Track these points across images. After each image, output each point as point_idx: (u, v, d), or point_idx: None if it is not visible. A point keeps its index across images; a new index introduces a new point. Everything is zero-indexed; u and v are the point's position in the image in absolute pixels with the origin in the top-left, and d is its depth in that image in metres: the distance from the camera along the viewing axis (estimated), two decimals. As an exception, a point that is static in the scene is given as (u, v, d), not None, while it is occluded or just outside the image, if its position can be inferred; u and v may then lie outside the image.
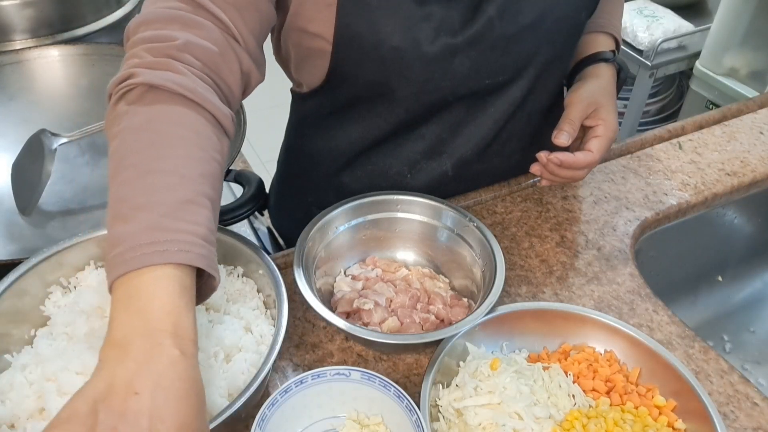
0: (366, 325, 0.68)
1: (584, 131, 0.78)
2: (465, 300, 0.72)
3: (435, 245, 0.76)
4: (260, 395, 0.60)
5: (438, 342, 0.63)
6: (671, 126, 1.00)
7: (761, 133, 1.00)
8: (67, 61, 1.04)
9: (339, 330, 0.65)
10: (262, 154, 2.36)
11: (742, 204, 0.95)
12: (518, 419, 0.57)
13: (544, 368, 0.62)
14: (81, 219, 0.87)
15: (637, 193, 0.88)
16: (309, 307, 0.71)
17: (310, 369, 0.58)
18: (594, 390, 0.62)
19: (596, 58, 0.82)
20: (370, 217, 0.75)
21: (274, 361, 0.56)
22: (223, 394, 0.57)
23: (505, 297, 0.73)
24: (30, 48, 1.04)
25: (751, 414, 0.63)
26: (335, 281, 0.74)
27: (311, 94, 0.80)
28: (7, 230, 0.85)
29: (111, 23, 1.17)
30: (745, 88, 1.75)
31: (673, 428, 0.59)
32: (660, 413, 0.60)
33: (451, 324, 0.67)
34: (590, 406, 0.60)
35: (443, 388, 0.61)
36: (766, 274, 1.04)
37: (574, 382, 0.62)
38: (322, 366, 0.61)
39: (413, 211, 0.76)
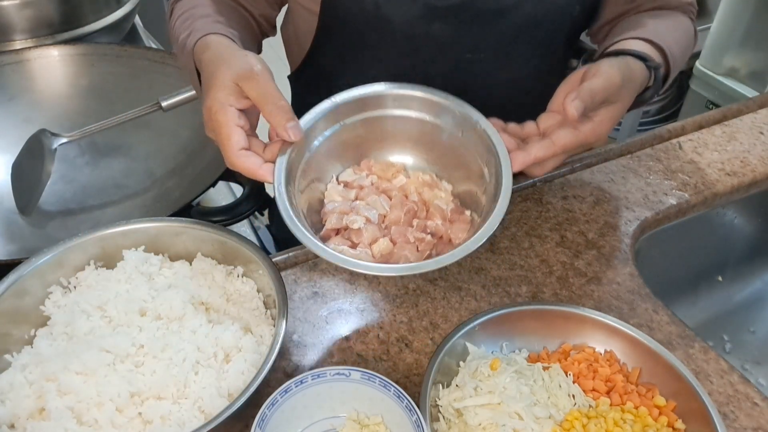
0: (354, 246, 0.62)
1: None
2: (467, 213, 0.66)
3: (436, 146, 0.69)
4: (260, 395, 0.60)
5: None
6: (671, 126, 1.00)
7: (761, 133, 1.00)
8: (67, 61, 1.04)
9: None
10: (262, 154, 2.36)
11: (742, 204, 0.95)
12: (518, 419, 0.57)
13: (544, 368, 0.62)
14: (81, 219, 0.87)
15: (637, 193, 0.88)
16: (309, 307, 0.71)
17: (310, 369, 0.58)
18: (594, 390, 0.62)
19: (639, 54, 0.70)
20: (362, 116, 0.68)
21: (274, 361, 0.57)
22: (223, 394, 0.58)
23: (504, 297, 0.73)
24: (30, 48, 1.04)
25: (752, 414, 0.63)
26: (326, 189, 0.68)
27: (303, 67, 0.84)
28: (7, 230, 0.85)
29: (111, 23, 1.17)
30: (745, 88, 1.75)
31: (673, 428, 0.59)
32: (660, 413, 0.60)
33: (450, 242, 0.64)
34: (590, 407, 0.60)
35: (443, 388, 0.61)
36: (766, 274, 1.04)
37: (574, 383, 0.62)
38: (322, 366, 0.61)
39: (411, 107, 0.68)
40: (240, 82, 0.61)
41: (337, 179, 0.69)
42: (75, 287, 0.66)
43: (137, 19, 1.36)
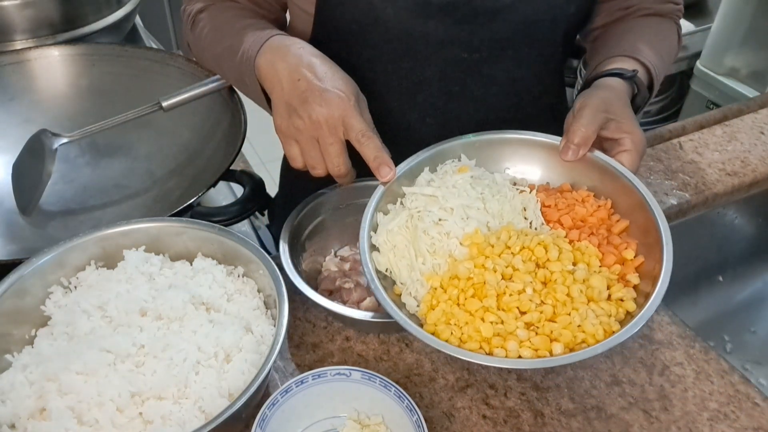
0: (345, 302, 0.69)
1: (601, 143, 0.69)
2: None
3: None
4: (261, 395, 0.60)
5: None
6: (672, 126, 1.00)
7: (762, 133, 1.00)
8: (68, 61, 1.04)
9: (317, 306, 0.65)
10: (262, 154, 2.36)
11: (743, 204, 0.95)
12: (451, 213, 0.58)
13: (520, 191, 0.62)
14: (81, 219, 0.87)
15: (638, 193, 0.88)
16: (309, 307, 0.71)
17: (310, 369, 0.58)
18: (558, 222, 0.61)
19: (610, 73, 0.74)
20: (361, 201, 0.73)
21: (275, 361, 0.57)
22: (224, 394, 0.58)
23: (505, 297, 0.73)
24: (30, 48, 1.03)
25: (752, 414, 0.63)
26: (324, 261, 0.75)
27: None
28: (8, 230, 0.85)
29: (111, 23, 1.16)
30: (746, 88, 1.75)
31: (625, 281, 0.58)
32: (619, 263, 0.58)
33: None
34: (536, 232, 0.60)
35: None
36: (766, 274, 1.04)
37: (543, 212, 0.61)
38: (323, 366, 0.61)
39: None
40: (358, 99, 0.66)
41: (335, 254, 0.77)
42: (75, 287, 0.66)
43: (138, 20, 1.36)
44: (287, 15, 0.88)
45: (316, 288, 0.70)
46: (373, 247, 0.62)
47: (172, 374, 0.58)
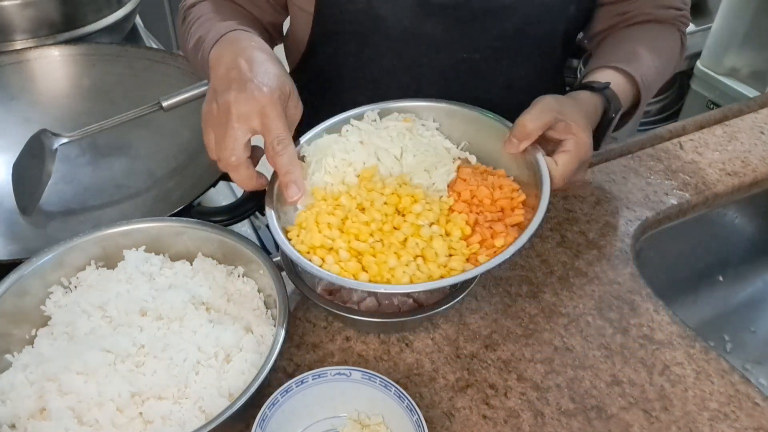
0: (345, 303, 0.69)
1: (547, 143, 0.69)
2: (448, 288, 0.71)
3: None
4: (261, 395, 0.60)
5: (403, 323, 0.65)
6: (672, 126, 1.00)
7: (762, 133, 1.00)
8: (68, 61, 1.04)
9: (323, 309, 0.66)
10: (263, 154, 2.36)
11: (743, 204, 0.95)
12: (364, 147, 0.64)
13: (452, 160, 0.67)
14: (82, 219, 0.87)
15: (638, 193, 0.88)
16: (309, 307, 0.71)
17: (310, 369, 0.58)
18: (457, 192, 0.64)
19: (580, 86, 0.74)
20: None
21: (275, 361, 0.57)
22: (224, 394, 0.58)
23: (505, 297, 0.73)
24: (31, 48, 1.04)
25: (752, 414, 0.63)
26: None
27: (301, 67, 0.85)
28: (8, 230, 0.85)
29: (112, 23, 1.17)
30: (746, 88, 1.75)
31: (475, 261, 0.60)
32: (483, 245, 0.61)
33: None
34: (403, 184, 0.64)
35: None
36: (767, 274, 1.04)
37: (454, 184, 0.64)
38: (323, 366, 0.61)
39: None
40: (284, 102, 0.63)
41: None
42: (76, 287, 0.66)
43: (138, 20, 1.36)
44: (288, 17, 0.88)
45: (315, 288, 0.70)
46: (303, 159, 0.67)
47: (173, 374, 0.58)
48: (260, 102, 0.60)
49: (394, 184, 0.63)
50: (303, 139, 0.68)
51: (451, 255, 0.60)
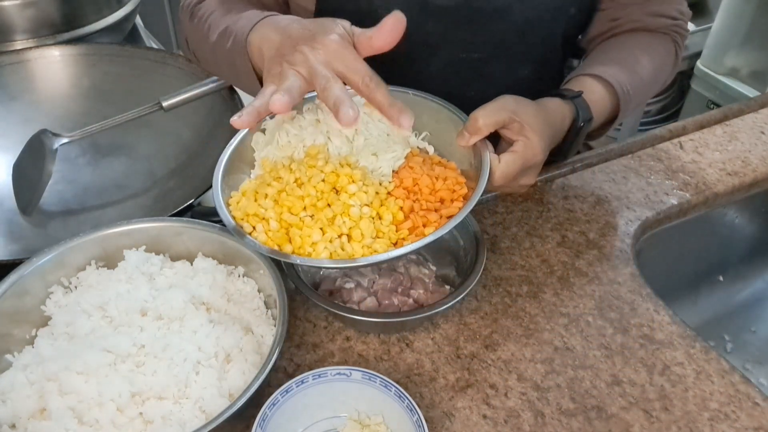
0: (345, 303, 0.69)
1: (501, 142, 0.70)
2: (447, 287, 0.73)
3: None
4: (261, 395, 0.60)
5: (403, 322, 0.66)
6: (672, 126, 1.00)
7: (762, 132, 1.00)
8: (68, 61, 1.04)
9: (319, 307, 0.66)
10: (263, 154, 2.36)
11: (744, 204, 0.95)
12: (315, 126, 0.64)
13: (417, 147, 0.67)
14: (82, 219, 0.87)
15: (638, 193, 0.88)
16: (310, 307, 0.71)
17: (311, 369, 0.58)
18: (399, 178, 0.64)
19: (553, 93, 0.73)
20: None
21: (275, 361, 0.57)
22: (224, 394, 0.58)
23: (505, 297, 0.73)
24: (31, 48, 1.04)
25: (753, 414, 0.63)
26: None
27: None
28: (8, 230, 0.85)
29: (112, 23, 1.17)
30: (747, 88, 1.75)
31: (399, 244, 0.60)
32: (412, 232, 0.61)
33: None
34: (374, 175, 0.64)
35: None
36: (767, 274, 1.04)
37: (400, 169, 0.64)
38: (323, 366, 0.61)
39: None
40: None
41: None
42: (76, 287, 0.66)
43: (138, 20, 1.36)
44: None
45: (316, 288, 0.70)
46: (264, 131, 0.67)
47: (173, 374, 0.58)
48: (337, 48, 0.60)
49: (336, 164, 0.63)
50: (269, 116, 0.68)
51: (377, 237, 0.61)
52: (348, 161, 0.63)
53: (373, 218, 0.61)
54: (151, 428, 0.55)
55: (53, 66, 1.03)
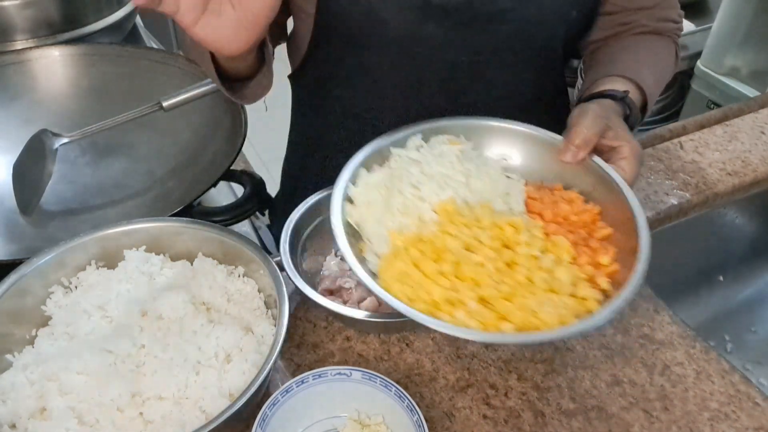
0: (345, 302, 0.69)
1: (599, 151, 0.68)
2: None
3: None
4: (261, 395, 0.60)
5: (403, 322, 0.64)
6: (672, 126, 1.00)
7: (762, 132, 1.00)
8: (68, 61, 1.04)
9: (314, 305, 0.65)
10: (263, 154, 2.36)
11: (744, 204, 0.95)
12: (429, 179, 0.58)
13: (507, 176, 0.62)
14: (82, 219, 0.87)
15: (639, 193, 0.87)
16: (310, 307, 0.71)
17: (311, 369, 0.58)
18: (539, 215, 0.60)
19: (600, 93, 0.73)
20: None
21: (275, 361, 0.57)
22: (224, 394, 0.58)
23: (506, 297, 0.73)
24: (31, 48, 1.04)
25: (753, 414, 0.63)
26: (325, 261, 0.75)
27: (302, 68, 0.84)
28: (8, 230, 0.85)
29: (112, 23, 1.17)
30: (747, 88, 1.75)
31: (594, 283, 0.55)
32: (593, 266, 0.56)
33: None
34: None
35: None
36: (767, 274, 1.03)
37: (526, 202, 0.60)
38: (323, 366, 0.61)
39: None
40: None
41: (335, 254, 0.76)
42: (76, 287, 0.66)
43: (138, 20, 1.36)
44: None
45: (316, 288, 0.70)
46: (349, 200, 0.60)
47: (173, 374, 0.58)
48: None
49: (486, 215, 0.57)
50: (343, 177, 0.60)
51: (574, 283, 0.55)
52: (490, 209, 0.58)
53: (561, 263, 0.56)
54: (151, 428, 0.55)
55: (53, 66, 1.03)
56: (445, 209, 0.58)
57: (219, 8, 0.55)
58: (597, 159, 0.64)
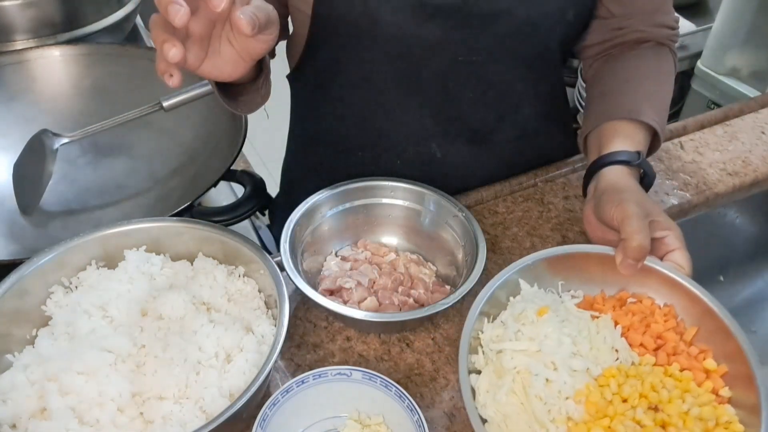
0: (345, 302, 0.69)
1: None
2: (447, 287, 0.73)
3: (420, 231, 0.77)
4: (261, 395, 0.60)
5: (403, 322, 0.66)
6: (673, 126, 1.00)
7: (763, 132, 0.99)
8: (69, 61, 1.04)
9: (310, 301, 0.65)
10: (263, 154, 2.36)
11: (744, 204, 0.95)
12: (553, 369, 0.56)
13: (593, 317, 0.60)
14: (82, 219, 0.87)
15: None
16: (310, 307, 0.71)
17: (311, 369, 0.58)
18: (642, 345, 0.59)
19: (615, 159, 0.70)
20: (358, 202, 0.77)
21: (275, 361, 0.57)
22: (225, 394, 0.58)
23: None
24: (31, 48, 1.04)
25: (753, 414, 0.63)
26: (325, 260, 0.76)
27: (301, 67, 0.85)
28: (9, 230, 0.85)
29: (112, 23, 1.17)
30: (747, 88, 1.75)
31: (717, 395, 0.56)
32: (707, 378, 0.57)
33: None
34: (633, 363, 0.58)
35: (488, 321, 0.61)
36: (767, 274, 1.03)
37: (622, 335, 0.59)
38: (324, 366, 0.61)
39: (398, 196, 0.77)
40: None
41: (335, 254, 0.77)
42: (76, 287, 0.66)
43: (138, 20, 1.36)
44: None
45: (316, 288, 0.70)
46: (483, 420, 0.56)
47: (173, 374, 0.58)
48: None
49: (614, 389, 0.55)
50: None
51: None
52: (628, 372, 0.57)
53: (701, 405, 0.55)
54: (151, 428, 0.56)
55: (53, 66, 1.03)
56: (589, 400, 0.55)
57: (218, 48, 0.58)
58: (652, 262, 0.63)
